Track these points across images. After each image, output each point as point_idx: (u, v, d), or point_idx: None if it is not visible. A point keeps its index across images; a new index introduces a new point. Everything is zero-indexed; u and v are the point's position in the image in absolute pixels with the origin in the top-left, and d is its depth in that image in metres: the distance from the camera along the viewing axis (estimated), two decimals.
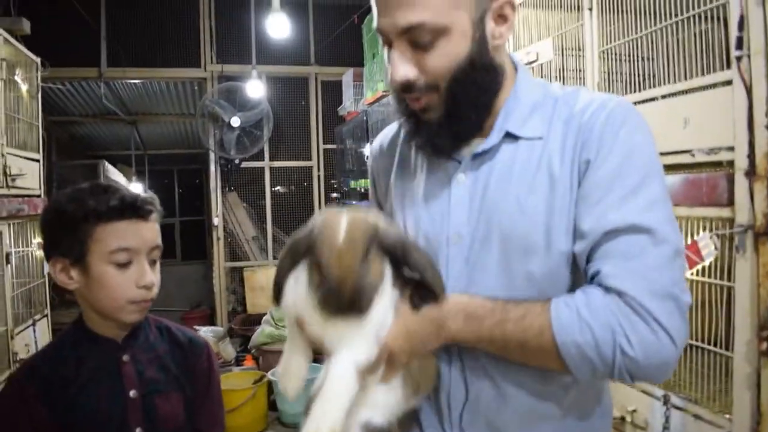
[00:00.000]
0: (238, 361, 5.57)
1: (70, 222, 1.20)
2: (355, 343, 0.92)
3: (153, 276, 1.26)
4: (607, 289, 0.86)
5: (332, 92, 6.19)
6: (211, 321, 6.57)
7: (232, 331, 6.02)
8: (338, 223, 0.90)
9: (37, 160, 2.85)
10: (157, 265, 1.29)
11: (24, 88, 2.69)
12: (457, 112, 0.97)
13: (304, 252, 0.94)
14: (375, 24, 0.97)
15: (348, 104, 5.45)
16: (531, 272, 0.94)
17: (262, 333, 5.30)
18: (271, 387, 4.71)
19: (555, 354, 0.88)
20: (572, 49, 1.96)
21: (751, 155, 1.28)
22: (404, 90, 0.96)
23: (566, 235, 0.93)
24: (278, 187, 6.30)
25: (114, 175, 6.26)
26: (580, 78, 1.89)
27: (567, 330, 0.86)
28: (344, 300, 0.88)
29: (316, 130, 6.32)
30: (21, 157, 2.62)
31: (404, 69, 0.94)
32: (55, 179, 5.79)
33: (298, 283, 0.96)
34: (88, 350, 1.28)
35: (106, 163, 6.81)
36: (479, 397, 1.00)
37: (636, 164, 0.90)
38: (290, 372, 1.00)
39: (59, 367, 1.25)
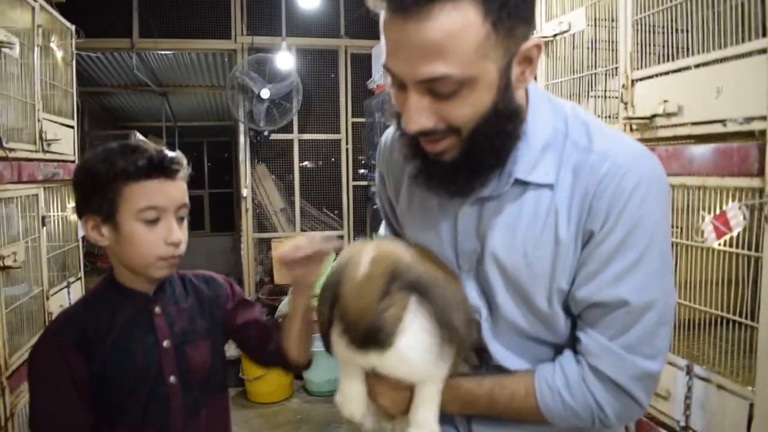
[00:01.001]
0: None
1: (100, 181, 1.24)
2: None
3: (180, 233, 1.29)
4: (590, 367, 0.94)
5: (362, 65, 6.17)
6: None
7: (260, 300, 6.11)
8: (360, 259, 0.93)
9: (72, 126, 2.91)
10: (185, 222, 1.33)
11: (59, 55, 2.74)
12: (478, 158, 0.93)
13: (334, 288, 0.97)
14: (384, 61, 0.88)
15: (377, 77, 5.44)
16: (534, 312, 0.98)
17: (288, 303, 5.38)
18: None
19: (545, 421, 0.99)
20: (605, 20, 1.94)
21: None
22: (419, 134, 0.91)
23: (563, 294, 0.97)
24: (306, 163, 6.33)
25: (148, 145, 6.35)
26: (612, 49, 1.87)
27: (552, 411, 0.97)
28: (360, 336, 0.92)
29: (345, 103, 6.32)
30: (56, 123, 2.68)
31: (421, 119, 0.88)
32: (87, 149, 5.90)
33: None
34: (121, 303, 1.32)
35: (138, 134, 6.92)
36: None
37: (639, 238, 0.90)
38: (351, 397, 1.08)
39: (94, 319, 1.30)
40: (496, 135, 0.91)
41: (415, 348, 0.95)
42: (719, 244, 1.45)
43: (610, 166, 0.91)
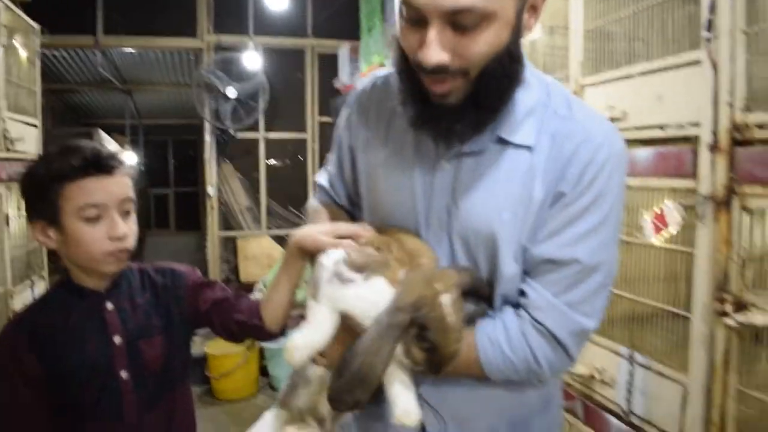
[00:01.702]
0: None
1: (40, 185, 1.26)
2: None
3: (125, 227, 1.30)
4: (532, 320, 1.01)
5: (328, 65, 6.21)
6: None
7: None
8: (440, 301, 0.92)
9: (36, 125, 2.91)
10: (132, 216, 1.34)
11: (23, 54, 2.74)
12: (484, 101, 0.95)
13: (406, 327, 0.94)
14: None
15: (344, 77, 5.49)
16: (499, 274, 1.03)
17: (281, 270, 5.40)
18: (262, 353, 4.82)
19: (483, 376, 1.04)
20: (561, 27, 2.03)
21: (715, 130, 1.37)
22: (432, 72, 0.91)
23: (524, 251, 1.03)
24: (272, 161, 6.36)
25: (108, 143, 6.31)
26: (566, 56, 1.96)
27: (492, 364, 1.03)
28: (442, 368, 0.94)
29: (311, 102, 6.36)
30: (20, 121, 2.68)
31: (441, 53, 0.89)
32: (43, 148, 5.84)
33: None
34: (74, 302, 1.35)
35: (101, 131, 6.85)
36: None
37: (602, 206, 0.99)
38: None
39: (47, 319, 1.32)
40: (504, 77, 0.94)
41: None
42: (658, 241, 1.56)
43: (587, 136, 0.99)
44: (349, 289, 0.99)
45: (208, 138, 6.11)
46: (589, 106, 1.10)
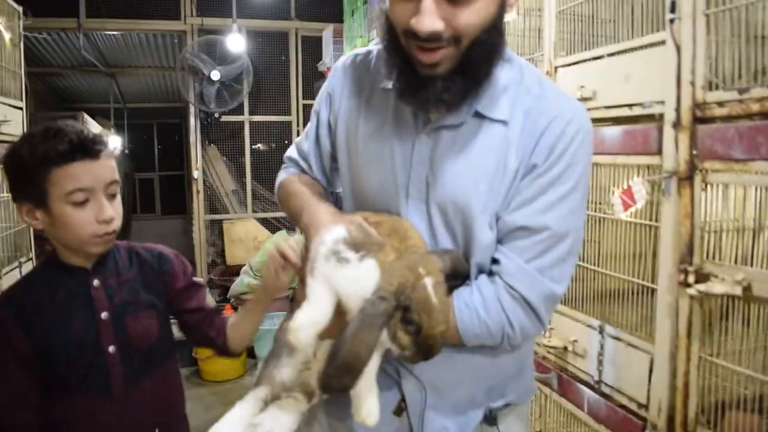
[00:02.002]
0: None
1: (26, 168, 1.28)
2: None
3: (111, 210, 1.34)
4: (506, 285, 1.06)
5: (312, 47, 6.22)
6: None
7: (212, 282, 6.16)
8: (423, 283, 0.96)
9: (21, 108, 2.93)
10: (117, 198, 1.38)
11: (7, 36, 2.75)
12: (472, 70, 1.00)
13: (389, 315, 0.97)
14: None
15: (327, 60, 5.50)
16: (475, 242, 1.09)
17: (240, 283, 5.45)
18: None
19: (458, 341, 1.09)
20: (536, 10, 2.07)
21: (678, 109, 1.43)
22: (426, 39, 0.95)
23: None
24: (258, 145, 6.37)
25: (93, 127, 6.30)
26: (540, 37, 2.01)
27: (468, 327, 1.08)
28: (434, 352, 0.98)
29: (295, 85, 6.37)
30: (5, 104, 2.70)
31: (436, 21, 0.93)
32: (26, 130, 5.82)
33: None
34: (61, 279, 1.39)
35: (85, 115, 6.82)
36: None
37: (571, 177, 1.05)
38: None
39: (34, 296, 1.36)
40: (490, 46, 1.00)
41: None
42: (626, 216, 1.62)
43: (558, 112, 1.06)
44: (344, 269, 1.01)
45: (193, 121, 6.11)
46: (558, 86, 1.16)
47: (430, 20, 0.93)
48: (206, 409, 4.26)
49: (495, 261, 1.09)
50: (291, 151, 1.36)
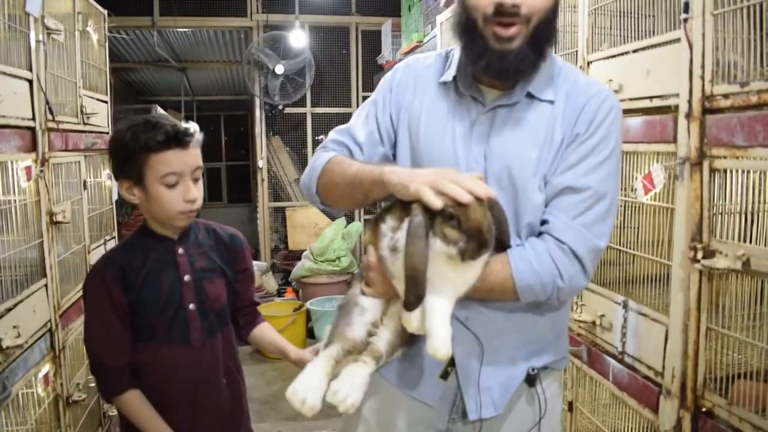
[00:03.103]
0: (280, 293, 6.03)
1: (129, 153, 1.57)
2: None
3: (196, 191, 1.63)
4: (555, 240, 1.24)
5: (372, 41, 6.44)
6: (255, 257, 7.02)
7: (275, 266, 6.48)
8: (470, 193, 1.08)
9: (106, 102, 3.25)
10: (200, 181, 1.66)
11: (95, 37, 3.07)
12: (538, 46, 1.22)
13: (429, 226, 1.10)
14: None
15: (386, 53, 5.69)
16: (527, 203, 1.27)
17: (302, 267, 5.73)
18: (309, 315, 5.14)
19: (513, 294, 1.25)
20: (570, 6, 2.21)
21: (690, 100, 1.56)
22: (506, 14, 1.17)
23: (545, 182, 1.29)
24: (320, 136, 6.63)
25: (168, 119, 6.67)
26: (573, 32, 2.16)
27: (523, 278, 1.23)
28: (485, 240, 1.08)
29: (355, 78, 6.60)
30: (93, 98, 3.01)
31: None
32: (114, 122, 6.24)
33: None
34: (151, 245, 1.68)
35: (159, 108, 7.23)
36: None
37: (608, 146, 1.27)
38: (413, 317, 1.19)
39: (130, 258, 1.66)
40: (552, 27, 1.24)
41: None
42: (647, 199, 1.76)
43: (595, 92, 1.29)
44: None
45: (258, 113, 6.43)
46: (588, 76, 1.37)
47: None
48: (267, 383, 4.53)
49: (544, 222, 1.28)
50: (337, 136, 1.46)
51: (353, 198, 1.34)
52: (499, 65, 1.22)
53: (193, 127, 1.63)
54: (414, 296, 1.11)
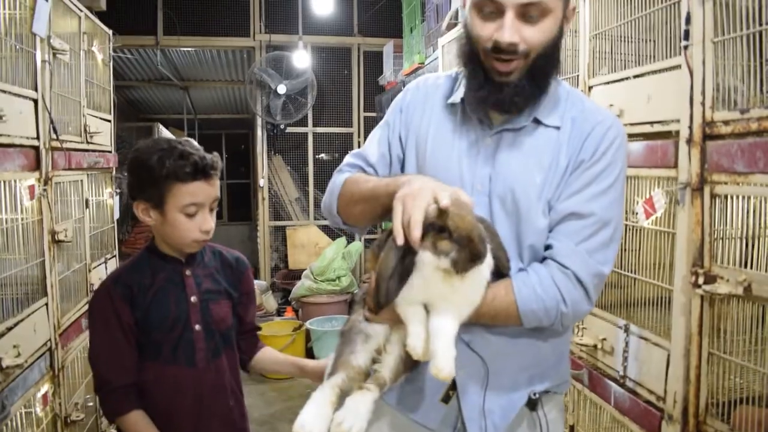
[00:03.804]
0: (279, 312, 6.02)
1: (154, 177, 1.57)
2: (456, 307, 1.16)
3: (212, 222, 1.65)
4: (558, 265, 1.24)
5: (373, 62, 6.50)
6: (255, 276, 7.01)
7: (275, 285, 6.47)
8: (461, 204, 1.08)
9: (109, 121, 3.27)
10: (215, 211, 1.68)
11: (99, 57, 3.09)
12: (537, 79, 1.24)
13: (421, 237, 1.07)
14: None
15: (388, 74, 5.74)
16: (530, 226, 1.28)
17: (301, 286, 5.72)
18: (308, 335, 5.12)
19: (517, 319, 1.25)
20: (572, 31, 2.23)
21: (691, 126, 1.58)
22: (504, 51, 1.18)
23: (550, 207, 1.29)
24: (321, 155, 6.66)
25: (167, 136, 6.71)
26: (575, 56, 2.18)
27: (526, 303, 1.23)
28: (477, 249, 1.06)
29: (357, 98, 6.65)
30: (97, 117, 3.03)
31: (514, 35, 1.17)
32: (114, 141, 6.29)
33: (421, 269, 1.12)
34: (159, 265, 1.68)
35: (161, 126, 7.28)
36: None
37: (612, 173, 1.27)
38: (418, 335, 1.16)
39: (138, 277, 1.66)
40: (552, 61, 1.25)
41: (486, 270, 1.16)
42: (648, 224, 1.77)
43: (600, 119, 1.29)
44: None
45: (260, 132, 6.46)
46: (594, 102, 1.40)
47: (510, 33, 1.17)
48: (267, 404, 4.51)
49: (548, 247, 1.28)
50: (352, 159, 1.48)
51: (373, 213, 1.33)
52: (496, 97, 1.24)
53: (217, 159, 1.65)
54: (375, 301, 1.15)
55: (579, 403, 2.19)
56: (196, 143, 1.65)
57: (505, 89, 1.23)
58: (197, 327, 1.67)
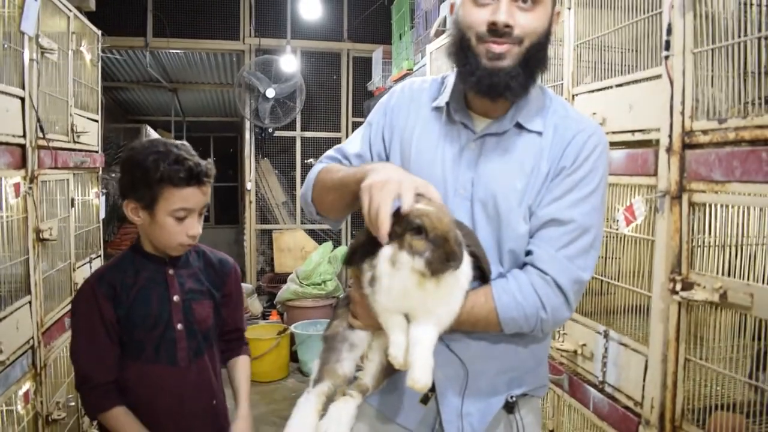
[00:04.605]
0: (265, 316, 6.01)
1: (147, 178, 1.58)
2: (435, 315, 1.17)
3: (199, 228, 1.66)
4: (538, 271, 1.26)
5: (363, 68, 6.52)
6: (241, 279, 6.97)
7: (260, 288, 6.46)
8: (438, 207, 1.10)
9: (96, 121, 3.27)
10: (203, 216, 1.69)
11: (88, 57, 3.09)
12: (530, 67, 1.25)
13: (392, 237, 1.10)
14: None
15: (377, 80, 5.76)
16: (510, 231, 1.29)
17: (287, 290, 5.72)
18: (293, 338, 5.12)
19: (497, 326, 1.27)
20: (557, 40, 2.26)
21: (670, 135, 1.61)
22: (499, 33, 1.21)
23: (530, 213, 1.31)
24: (309, 160, 6.67)
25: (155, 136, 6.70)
26: (560, 65, 2.21)
27: (507, 310, 1.26)
28: (451, 249, 1.06)
29: (346, 103, 6.66)
30: (84, 117, 3.03)
31: (510, 16, 1.20)
32: (101, 141, 6.26)
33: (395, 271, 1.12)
34: (143, 264, 1.69)
35: (149, 128, 7.26)
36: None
37: (593, 180, 1.28)
38: (399, 345, 1.17)
39: (121, 276, 1.67)
40: (544, 51, 1.27)
41: (464, 278, 1.17)
42: (629, 231, 1.80)
43: (583, 127, 1.31)
44: None
45: (248, 135, 6.46)
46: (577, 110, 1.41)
47: (506, 14, 1.20)
48: (251, 406, 4.51)
49: (528, 253, 1.29)
50: (330, 152, 1.51)
51: (342, 201, 1.34)
52: (489, 81, 1.24)
53: (211, 166, 1.66)
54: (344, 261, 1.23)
55: (559, 408, 2.21)
56: (191, 148, 1.65)
57: (498, 74, 1.23)
58: (179, 326, 1.68)
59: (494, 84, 1.24)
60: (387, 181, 1.10)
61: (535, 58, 1.25)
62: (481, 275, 1.25)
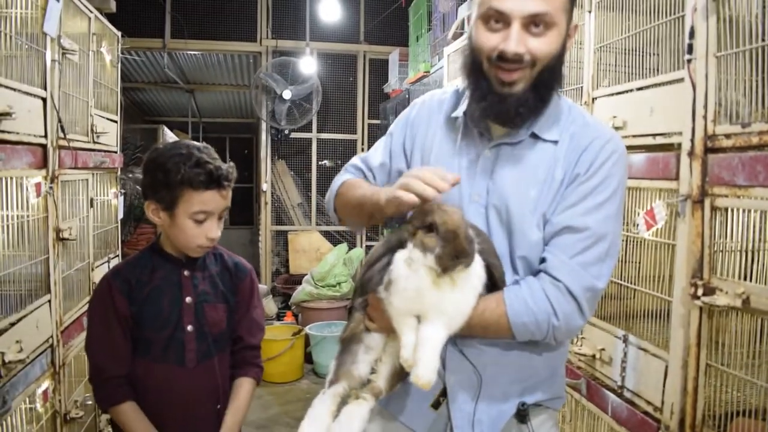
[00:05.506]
0: (279, 317, 6.02)
1: (168, 180, 1.59)
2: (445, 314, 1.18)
3: (218, 231, 1.67)
4: (551, 278, 1.24)
5: (379, 70, 6.53)
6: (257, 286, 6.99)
7: (275, 289, 6.48)
8: (446, 206, 1.13)
9: (116, 121, 3.30)
10: (223, 219, 1.70)
11: (108, 58, 3.12)
12: (541, 92, 1.25)
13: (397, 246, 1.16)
14: (495, 5, 1.20)
15: (393, 82, 5.76)
16: (523, 238, 1.29)
17: (302, 291, 5.73)
18: (308, 340, 5.13)
19: (508, 332, 1.26)
20: (576, 43, 2.26)
21: (692, 139, 1.59)
22: (509, 60, 1.20)
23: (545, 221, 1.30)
24: (325, 161, 6.69)
25: (171, 139, 6.74)
26: (580, 68, 2.20)
27: (518, 316, 1.25)
28: (461, 246, 1.08)
29: (362, 105, 6.67)
30: (104, 118, 3.06)
31: (520, 45, 1.19)
32: (120, 142, 6.31)
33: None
34: (159, 264, 1.71)
35: (165, 128, 7.31)
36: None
37: (608, 188, 1.27)
38: (408, 344, 1.19)
39: (137, 272, 1.69)
40: (556, 74, 1.27)
41: (476, 280, 1.19)
42: (649, 235, 1.78)
43: (599, 134, 1.30)
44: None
45: (264, 137, 6.48)
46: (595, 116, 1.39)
47: (516, 43, 1.19)
48: (264, 408, 4.51)
49: (542, 260, 1.28)
50: (355, 161, 1.55)
51: (361, 218, 1.40)
52: (499, 108, 1.25)
53: (232, 169, 1.66)
54: (356, 286, 1.31)
55: (576, 413, 2.20)
56: (213, 151, 1.66)
57: (508, 100, 1.24)
58: (189, 328, 1.68)
59: (503, 111, 1.26)
60: (407, 178, 1.17)
61: (547, 80, 1.26)
62: (495, 284, 1.25)
